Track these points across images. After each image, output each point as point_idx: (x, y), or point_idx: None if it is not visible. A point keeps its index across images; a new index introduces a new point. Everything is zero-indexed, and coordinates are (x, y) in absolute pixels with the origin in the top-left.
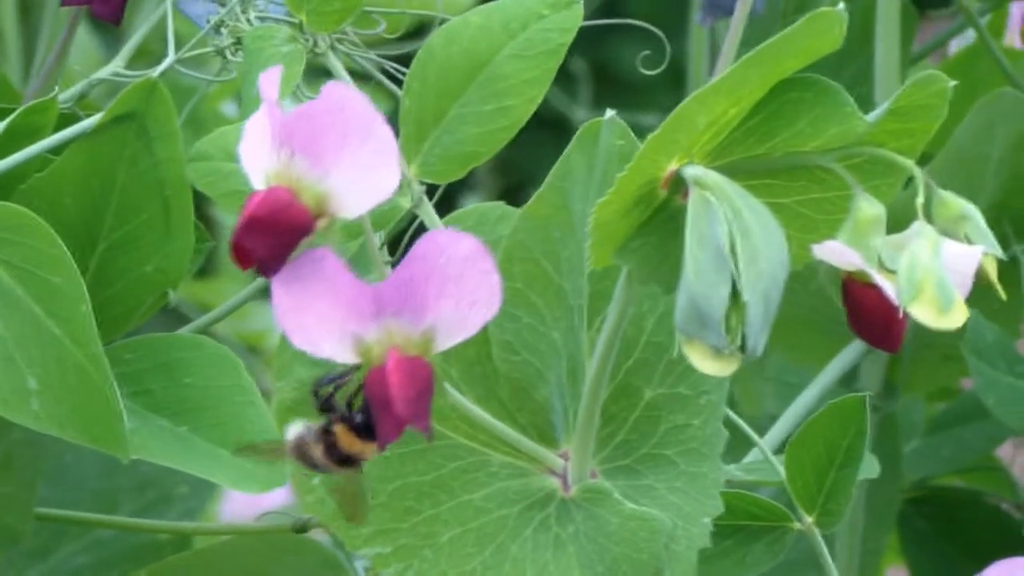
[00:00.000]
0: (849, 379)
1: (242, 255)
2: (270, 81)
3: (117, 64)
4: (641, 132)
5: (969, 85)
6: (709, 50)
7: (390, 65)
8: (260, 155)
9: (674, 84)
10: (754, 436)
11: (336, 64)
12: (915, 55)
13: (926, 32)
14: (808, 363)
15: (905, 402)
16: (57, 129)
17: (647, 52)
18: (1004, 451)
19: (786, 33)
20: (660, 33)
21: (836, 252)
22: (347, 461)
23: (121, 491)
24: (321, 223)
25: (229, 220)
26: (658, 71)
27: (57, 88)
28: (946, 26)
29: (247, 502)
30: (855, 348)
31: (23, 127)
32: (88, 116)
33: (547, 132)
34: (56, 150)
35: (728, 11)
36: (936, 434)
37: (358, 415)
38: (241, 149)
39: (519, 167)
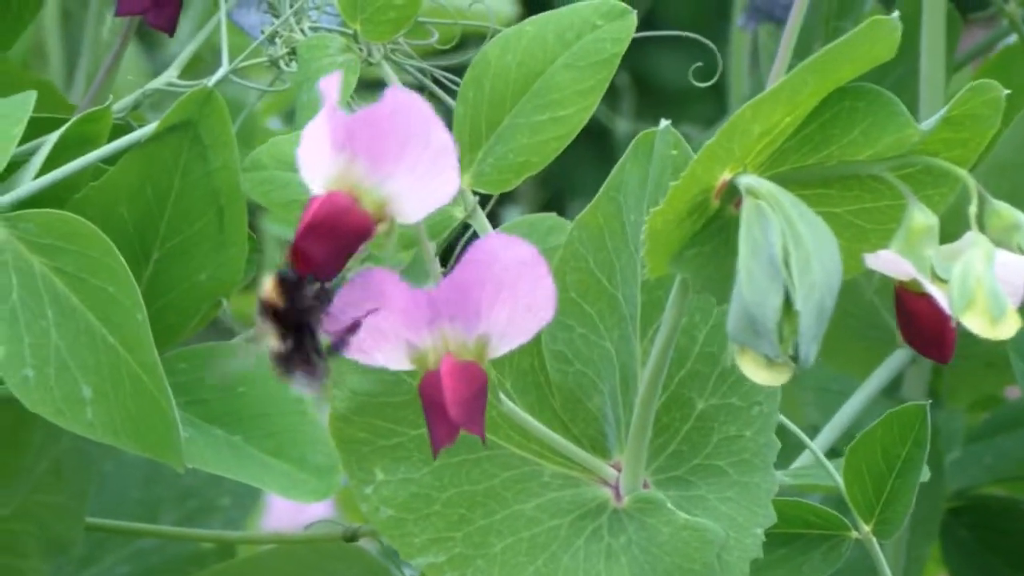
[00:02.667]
0: (892, 388)
1: (302, 259)
2: (331, 85)
3: (171, 74)
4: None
5: (1005, 87)
6: (749, 60)
7: (442, 75)
8: (320, 159)
9: (713, 94)
10: (809, 443)
11: (390, 73)
12: (958, 61)
13: (967, 38)
14: (848, 371)
15: (945, 411)
16: (110, 139)
17: (698, 64)
18: None
19: (843, 40)
20: (710, 44)
21: (889, 262)
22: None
23: (162, 501)
24: (380, 228)
25: (277, 231)
26: (708, 83)
27: (111, 97)
28: (986, 31)
29: (288, 516)
30: (900, 356)
31: (77, 136)
32: (139, 126)
33: (589, 144)
34: (110, 160)
35: (770, 15)
36: (977, 443)
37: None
38: (300, 153)
39: (561, 179)
